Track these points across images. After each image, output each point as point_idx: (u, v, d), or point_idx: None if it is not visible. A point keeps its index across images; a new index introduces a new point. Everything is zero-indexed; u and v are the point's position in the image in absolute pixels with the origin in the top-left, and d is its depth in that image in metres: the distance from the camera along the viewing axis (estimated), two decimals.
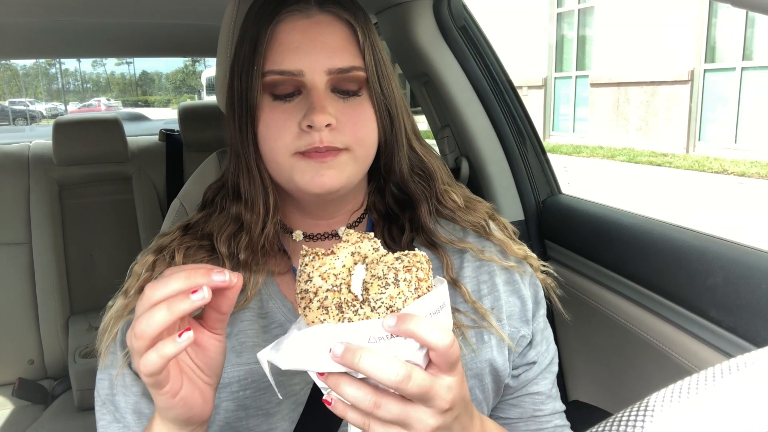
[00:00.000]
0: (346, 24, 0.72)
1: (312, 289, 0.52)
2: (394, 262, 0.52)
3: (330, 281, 0.52)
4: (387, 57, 0.76)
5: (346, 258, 0.54)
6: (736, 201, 6.93)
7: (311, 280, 0.52)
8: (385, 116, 0.74)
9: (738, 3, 0.50)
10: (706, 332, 0.91)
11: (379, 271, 0.51)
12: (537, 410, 0.79)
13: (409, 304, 0.50)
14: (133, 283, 0.74)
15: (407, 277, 0.51)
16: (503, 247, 0.79)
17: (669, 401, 0.30)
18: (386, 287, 0.50)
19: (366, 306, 0.50)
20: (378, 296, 0.50)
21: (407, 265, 0.51)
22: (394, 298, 0.50)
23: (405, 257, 0.52)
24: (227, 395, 0.70)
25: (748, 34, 9.13)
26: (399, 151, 0.77)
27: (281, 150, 0.69)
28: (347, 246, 0.54)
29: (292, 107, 0.70)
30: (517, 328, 0.77)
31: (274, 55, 0.69)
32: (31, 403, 2.14)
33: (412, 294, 0.51)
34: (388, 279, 0.51)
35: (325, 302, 0.51)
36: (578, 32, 12.13)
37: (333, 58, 0.69)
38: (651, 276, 1.03)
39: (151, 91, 39.05)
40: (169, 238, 0.78)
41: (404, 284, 0.50)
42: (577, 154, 10.86)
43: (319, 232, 0.79)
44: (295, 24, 0.70)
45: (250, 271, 0.74)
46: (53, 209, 2.32)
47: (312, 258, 0.53)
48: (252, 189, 0.74)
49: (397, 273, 0.51)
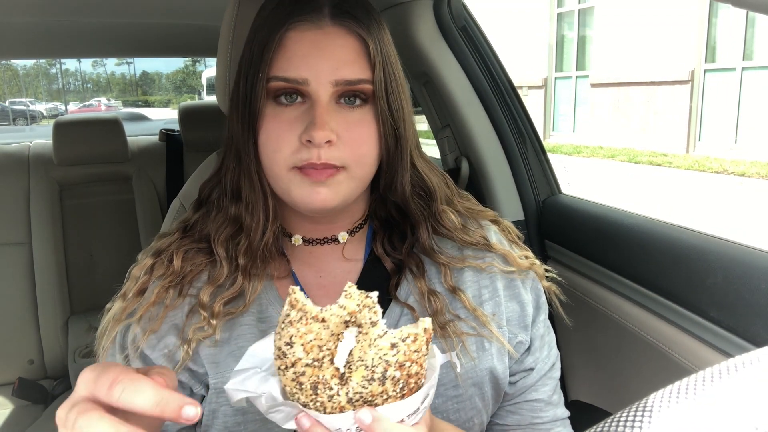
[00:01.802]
0: (357, 38, 0.70)
1: (291, 357, 0.47)
2: (387, 352, 0.47)
3: (312, 354, 0.47)
4: (400, 72, 0.74)
5: (337, 326, 0.48)
6: (736, 201, 6.93)
7: (291, 346, 0.47)
8: (390, 133, 0.71)
9: (738, 3, 0.50)
10: (706, 332, 0.91)
11: (369, 358, 0.47)
12: (536, 417, 0.78)
13: (390, 402, 0.47)
14: (131, 286, 0.74)
15: (396, 375, 0.47)
16: (506, 258, 0.79)
17: (669, 401, 0.30)
18: (370, 382, 0.46)
19: (343, 394, 0.47)
20: (359, 389, 0.47)
21: (401, 360, 0.47)
22: (376, 396, 0.47)
23: (402, 345, 0.47)
24: (225, 400, 0.70)
25: (748, 34, 9.12)
26: (402, 169, 0.75)
27: (279, 162, 0.69)
28: (341, 314, 0.48)
29: (294, 117, 0.68)
30: (515, 334, 0.76)
31: (281, 61, 0.68)
32: (31, 403, 2.13)
33: (396, 394, 0.47)
34: (375, 373, 0.46)
35: (301, 378, 0.47)
36: (578, 32, 12.12)
37: (341, 69, 0.68)
38: (651, 276, 1.03)
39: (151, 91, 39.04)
40: (168, 241, 0.77)
41: (390, 383, 0.47)
42: (577, 154, 10.85)
43: (319, 236, 0.79)
44: (305, 34, 0.68)
45: (249, 277, 0.73)
46: (53, 209, 2.32)
47: (299, 318, 0.47)
48: (252, 195, 0.73)
49: (386, 368, 0.47)
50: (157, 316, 0.71)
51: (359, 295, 0.48)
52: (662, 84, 10.26)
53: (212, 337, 0.70)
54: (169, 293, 0.72)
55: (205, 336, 0.70)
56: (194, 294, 0.73)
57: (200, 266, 0.75)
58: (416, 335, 0.47)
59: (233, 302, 0.72)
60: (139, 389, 0.44)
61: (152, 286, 0.73)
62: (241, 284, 0.72)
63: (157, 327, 0.71)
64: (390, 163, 0.74)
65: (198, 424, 0.73)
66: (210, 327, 0.70)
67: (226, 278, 0.73)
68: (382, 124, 0.70)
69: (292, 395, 0.48)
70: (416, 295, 0.75)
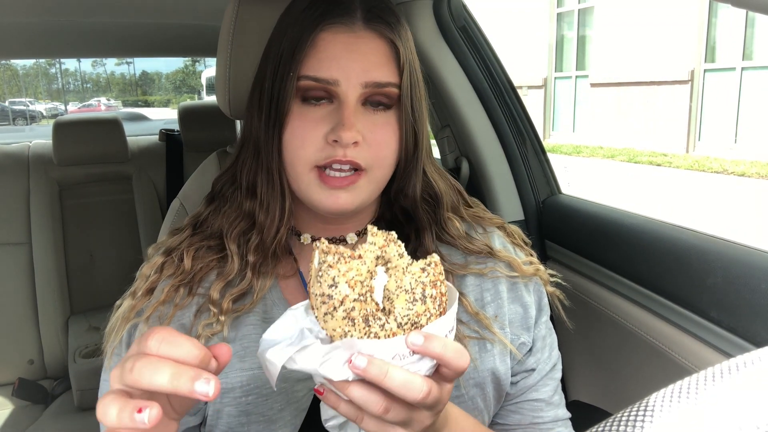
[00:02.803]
0: (388, 42, 0.71)
1: (338, 296, 0.49)
2: (420, 275, 0.50)
3: (357, 290, 0.49)
4: (422, 80, 0.76)
5: (371, 262, 0.51)
6: (735, 201, 6.93)
7: (336, 286, 0.49)
8: (410, 138, 0.73)
9: (738, 3, 0.50)
10: (706, 332, 0.91)
11: (406, 283, 0.50)
12: (536, 417, 0.79)
13: (432, 321, 0.50)
14: (141, 284, 0.74)
15: (433, 293, 0.50)
16: (511, 265, 0.79)
17: (669, 401, 0.30)
18: (414, 303, 0.49)
19: (392, 320, 0.49)
20: (405, 312, 0.49)
21: (433, 280, 0.50)
22: (420, 315, 0.49)
23: (429, 268, 0.51)
24: (230, 400, 0.70)
25: (748, 34, 9.12)
26: (416, 175, 0.76)
27: (302, 160, 0.70)
28: (374, 249, 0.52)
29: (320, 116, 0.69)
30: (518, 335, 0.77)
31: (312, 61, 0.69)
32: (31, 403, 2.14)
33: (436, 311, 0.50)
34: (416, 294, 0.50)
35: (352, 313, 0.49)
36: (578, 32, 12.13)
37: (371, 71, 0.69)
38: (651, 276, 1.03)
39: (151, 91, 39.02)
40: (179, 239, 0.77)
41: (430, 301, 0.50)
42: (577, 154, 10.85)
43: (328, 236, 0.79)
44: (337, 36, 0.69)
45: (258, 275, 0.73)
46: (53, 209, 2.32)
47: (337, 259, 0.50)
48: (269, 192, 0.74)
49: (424, 288, 0.50)
50: (167, 315, 0.71)
51: (383, 233, 0.53)
52: (662, 84, 10.26)
53: (220, 333, 0.70)
54: (179, 292, 0.72)
55: (213, 333, 0.70)
56: (203, 293, 0.73)
57: (210, 264, 0.75)
58: (435, 261, 0.51)
59: (240, 299, 0.73)
60: (157, 369, 0.45)
61: (162, 284, 0.73)
62: (250, 281, 0.72)
63: (167, 326, 0.71)
64: (406, 167, 0.75)
65: (202, 425, 0.73)
66: (219, 323, 0.70)
67: (236, 274, 0.73)
68: (405, 129, 0.72)
69: (343, 336, 0.49)
70: None
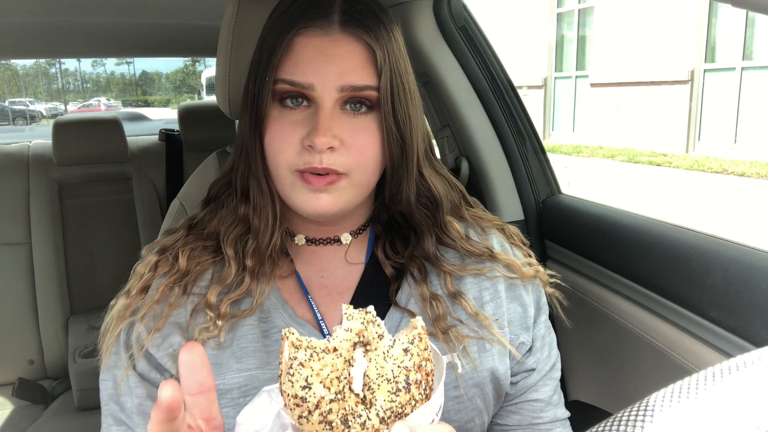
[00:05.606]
0: (365, 45, 0.69)
1: (312, 399, 0.44)
2: (403, 358, 0.46)
3: (333, 388, 0.44)
4: (411, 83, 0.73)
5: (347, 351, 0.46)
6: (735, 201, 6.93)
7: (310, 388, 0.44)
8: (395, 142, 0.71)
9: (738, 3, 0.50)
10: (706, 332, 0.91)
11: (388, 371, 0.46)
12: (536, 417, 0.78)
13: (418, 407, 0.46)
14: (135, 283, 0.74)
15: (418, 378, 0.46)
16: (510, 267, 0.78)
17: (669, 401, 0.30)
18: (397, 394, 0.45)
19: (374, 415, 0.45)
20: (389, 405, 0.45)
21: (417, 362, 0.46)
22: (405, 405, 0.46)
23: (413, 347, 0.47)
24: (227, 401, 0.69)
25: (748, 34, 9.12)
26: (408, 180, 0.74)
27: (282, 164, 0.69)
28: (350, 337, 0.46)
29: (298, 120, 0.69)
30: (517, 335, 0.77)
31: (287, 65, 0.68)
32: (31, 403, 2.14)
33: (422, 396, 0.47)
34: (399, 384, 0.46)
35: (329, 416, 0.44)
36: (578, 32, 12.12)
37: (347, 75, 0.67)
38: (651, 276, 1.03)
39: (151, 91, 39.00)
40: (174, 238, 0.77)
41: (415, 388, 0.46)
42: (577, 154, 10.85)
43: (322, 237, 0.79)
44: (312, 40, 0.68)
45: (257, 280, 0.73)
46: (53, 209, 2.32)
47: (309, 356, 0.45)
48: (260, 197, 0.73)
49: (408, 374, 0.46)
50: (161, 314, 0.71)
51: (359, 313, 0.48)
52: (662, 84, 10.26)
53: (217, 338, 0.70)
54: (174, 291, 0.72)
55: (210, 336, 0.70)
56: (198, 293, 0.73)
57: (205, 264, 0.75)
58: (419, 335, 0.47)
59: (238, 304, 0.72)
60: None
61: (156, 283, 0.73)
62: (248, 286, 0.72)
63: (161, 325, 0.71)
64: (394, 172, 0.73)
65: None
66: (216, 328, 0.70)
67: (233, 278, 0.73)
68: (386, 133, 0.70)
69: None
70: (417, 300, 0.75)
